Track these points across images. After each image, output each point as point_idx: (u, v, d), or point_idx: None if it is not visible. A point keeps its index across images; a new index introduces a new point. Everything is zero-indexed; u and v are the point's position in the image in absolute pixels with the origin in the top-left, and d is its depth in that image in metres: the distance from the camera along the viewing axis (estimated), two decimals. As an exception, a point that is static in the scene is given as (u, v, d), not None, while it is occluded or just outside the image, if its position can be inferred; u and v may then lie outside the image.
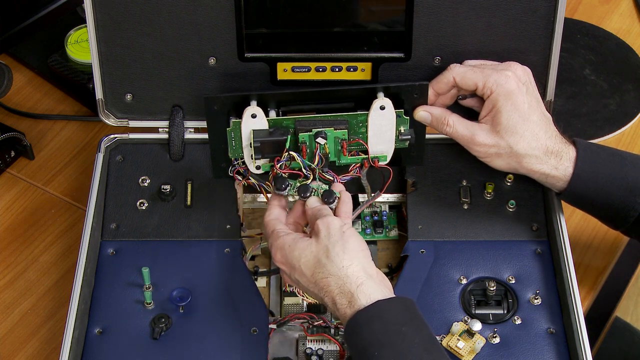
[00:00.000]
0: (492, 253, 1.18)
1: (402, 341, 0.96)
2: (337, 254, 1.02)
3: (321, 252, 1.03)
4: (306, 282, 1.04)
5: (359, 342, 0.97)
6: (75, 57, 1.46)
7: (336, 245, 1.03)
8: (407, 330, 0.97)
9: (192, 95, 1.25)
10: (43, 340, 1.20)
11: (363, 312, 0.98)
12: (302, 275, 1.04)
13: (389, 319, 0.97)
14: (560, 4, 1.18)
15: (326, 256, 1.03)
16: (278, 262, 1.07)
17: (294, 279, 1.06)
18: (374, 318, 0.97)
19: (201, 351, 1.09)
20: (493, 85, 1.15)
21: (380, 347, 0.95)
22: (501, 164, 1.17)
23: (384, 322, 0.97)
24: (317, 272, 1.03)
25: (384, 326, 0.97)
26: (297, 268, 1.04)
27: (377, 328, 0.97)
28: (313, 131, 1.14)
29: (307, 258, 1.04)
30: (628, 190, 1.13)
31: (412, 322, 0.98)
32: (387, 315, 0.97)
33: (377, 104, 1.14)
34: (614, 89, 1.48)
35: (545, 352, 1.10)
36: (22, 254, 1.29)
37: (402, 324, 0.97)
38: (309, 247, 1.04)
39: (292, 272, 1.06)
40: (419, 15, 1.19)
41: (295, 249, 1.05)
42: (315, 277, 1.03)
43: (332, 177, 1.14)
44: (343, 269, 1.01)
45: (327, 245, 1.03)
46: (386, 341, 0.96)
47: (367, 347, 0.96)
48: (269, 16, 1.20)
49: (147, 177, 1.24)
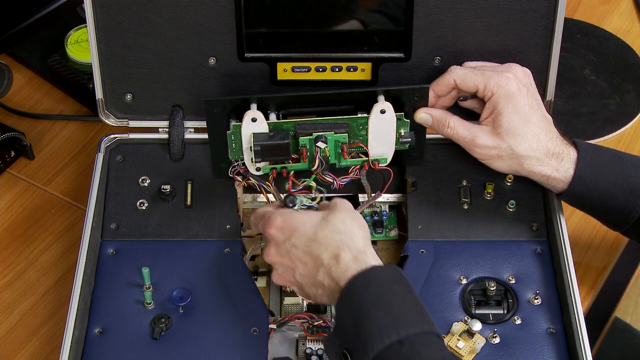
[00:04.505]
0: (492, 253, 1.18)
1: (396, 300, 0.98)
2: (346, 218, 1.05)
3: (331, 214, 1.05)
4: (304, 243, 1.04)
5: (353, 305, 0.98)
6: (75, 57, 1.46)
7: (346, 213, 1.05)
8: (400, 290, 0.99)
9: (192, 95, 1.25)
10: (43, 340, 1.20)
11: (361, 276, 0.99)
12: (303, 236, 1.04)
13: (384, 282, 0.99)
14: (560, 4, 1.18)
15: (336, 217, 1.04)
16: (275, 227, 1.06)
17: (287, 247, 1.05)
18: (370, 281, 0.99)
19: (201, 351, 1.09)
20: (494, 88, 1.15)
21: (375, 306, 0.97)
22: (502, 166, 1.17)
23: (380, 284, 0.99)
24: (322, 229, 1.04)
25: (380, 288, 0.98)
26: (300, 229, 1.04)
27: (374, 289, 0.98)
28: (313, 135, 1.14)
29: (315, 219, 1.05)
30: (629, 192, 1.13)
31: (403, 285, 1.00)
32: (382, 279, 0.99)
33: (377, 107, 1.14)
34: (614, 89, 1.48)
35: (545, 352, 1.10)
36: (22, 254, 1.28)
37: (395, 285, 0.99)
38: (319, 213, 1.06)
39: (290, 236, 1.05)
40: (419, 15, 1.19)
41: (304, 214, 1.06)
42: (318, 234, 1.03)
43: (331, 179, 1.15)
44: (353, 229, 1.04)
45: (338, 211, 1.05)
46: (381, 301, 0.97)
47: (362, 307, 0.97)
48: (269, 16, 1.20)
49: (147, 177, 1.24)
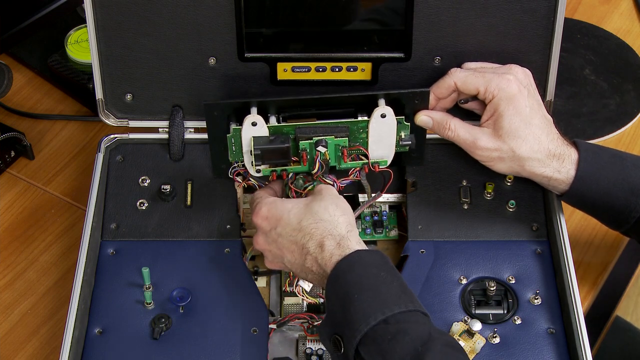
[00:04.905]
0: (492, 253, 1.18)
1: (381, 283, 0.99)
2: (329, 205, 1.07)
3: (314, 202, 1.08)
4: (289, 232, 1.07)
5: (340, 289, 1.00)
6: (75, 57, 1.46)
7: (330, 200, 1.08)
8: (385, 275, 1.00)
9: (192, 95, 1.25)
10: (43, 340, 1.20)
11: (345, 260, 1.01)
12: (287, 225, 1.07)
13: (368, 265, 1.01)
14: (560, 4, 1.18)
15: (319, 205, 1.07)
16: (261, 217, 1.09)
17: (273, 236, 1.08)
18: (355, 265, 1.01)
19: (201, 351, 1.09)
20: (495, 90, 1.15)
21: (360, 290, 0.99)
22: (503, 168, 1.17)
23: (364, 267, 1.01)
24: (306, 218, 1.06)
25: (364, 270, 1.00)
26: (284, 218, 1.07)
27: (358, 272, 1.00)
28: (314, 139, 1.14)
29: (299, 207, 1.08)
30: (629, 192, 1.13)
31: (388, 269, 1.02)
32: (367, 262, 1.01)
33: (378, 112, 1.14)
34: (614, 89, 1.48)
35: (545, 352, 1.10)
36: (22, 254, 1.29)
37: (380, 269, 1.01)
38: (302, 201, 1.09)
39: (276, 225, 1.08)
40: (419, 15, 1.19)
41: (288, 202, 1.09)
42: (302, 223, 1.06)
43: (332, 181, 1.15)
44: (335, 216, 1.06)
45: (321, 198, 1.08)
46: (366, 284, 0.99)
47: (348, 291, 0.99)
48: (269, 16, 1.20)
49: (147, 177, 1.24)
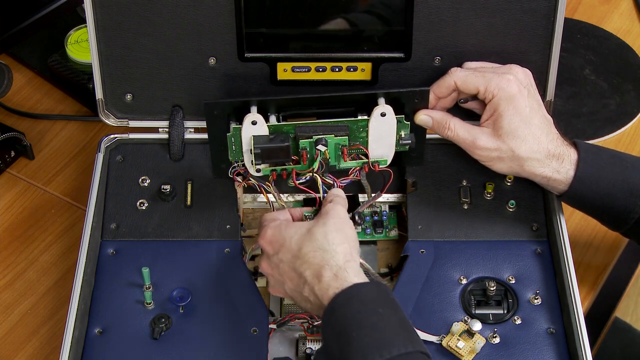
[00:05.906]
0: (492, 253, 1.18)
1: (379, 321, 0.97)
2: (330, 233, 1.05)
3: (316, 227, 1.05)
4: (290, 259, 1.05)
5: (337, 324, 0.98)
6: (75, 57, 1.46)
7: (332, 226, 1.05)
8: (384, 311, 0.98)
9: (192, 95, 1.25)
10: (43, 341, 1.20)
11: (342, 294, 0.99)
12: (288, 252, 1.05)
13: (366, 300, 0.99)
14: (560, 4, 1.18)
15: (319, 232, 1.05)
16: (265, 240, 1.08)
17: (275, 261, 1.07)
18: (352, 299, 0.99)
19: (201, 351, 1.09)
20: (494, 90, 1.15)
21: (358, 327, 0.96)
22: (503, 168, 1.17)
23: (362, 302, 0.99)
24: (305, 245, 1.04)
25: (362, 306, 0.98)
26: (286, 245, 1.06)
27: (356, 308, 0.98)
28: (313, 138, 1.14)
29: (301, 233, 1.06)
30: (629, 192, 1.13)
31: (388, 304, 0.99)
32: (365, 297, 0.99)
33: (377, 110, 1.14)
34: (614, 89, 1.48)
35: (545, 352, 1.10)
36: (22, 254, 1.28)
37: (379, 305, 0.99)
38: (305, 225, 1.07)
39: (278, 250, 1.06)
40: (419, 15, 1.19)
41: (292, 227, 1.07)
42: (302, 250, 1.04)
43: (332, 181, 1.15)
44: (333, 245, 1.04)
45: (324, 223, 1.06)
46: (364, 321, 0.97)
47: (345, 328, 0.97)
48: (269, 16, 1.20)
49: (147, 177, 1.24)
